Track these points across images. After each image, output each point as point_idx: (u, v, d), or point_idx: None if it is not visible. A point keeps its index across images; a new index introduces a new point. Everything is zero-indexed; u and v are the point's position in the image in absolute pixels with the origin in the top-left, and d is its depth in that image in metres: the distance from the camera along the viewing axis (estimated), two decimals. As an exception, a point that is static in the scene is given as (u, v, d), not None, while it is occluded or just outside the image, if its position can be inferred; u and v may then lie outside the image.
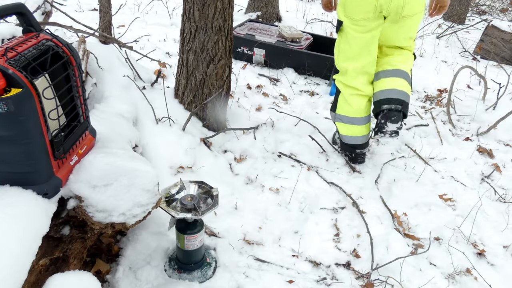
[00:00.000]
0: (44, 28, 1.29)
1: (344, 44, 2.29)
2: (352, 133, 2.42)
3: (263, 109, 2.99)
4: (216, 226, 1.92)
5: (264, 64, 3.79)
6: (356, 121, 2.39)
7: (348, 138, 2.45)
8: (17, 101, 1.03)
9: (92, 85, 2.12)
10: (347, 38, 2.26)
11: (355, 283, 1.74)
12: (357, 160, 2.51)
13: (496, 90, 3.43)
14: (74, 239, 1.38)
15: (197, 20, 2.24)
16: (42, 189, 1.19)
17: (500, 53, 4.62)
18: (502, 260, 1.94)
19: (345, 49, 2.30)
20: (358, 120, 2.38)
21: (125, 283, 1.59)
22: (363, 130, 2.41)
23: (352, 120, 2.39)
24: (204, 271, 1.69)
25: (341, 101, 2.40)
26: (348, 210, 2.15)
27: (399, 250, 1.92)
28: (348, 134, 2.43)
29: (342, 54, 2.33)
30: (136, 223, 1.36)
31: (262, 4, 5.04)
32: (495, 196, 2.36)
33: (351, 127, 2.41)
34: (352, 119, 2.38)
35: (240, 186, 2.24)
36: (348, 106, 2.37)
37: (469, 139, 2.94)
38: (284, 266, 1.79)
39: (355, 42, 2.24)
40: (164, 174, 2.04)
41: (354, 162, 2.51)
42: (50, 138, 1.17)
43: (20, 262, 1.03)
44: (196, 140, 2.31)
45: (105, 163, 1.33)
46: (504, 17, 6.94)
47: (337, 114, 2.43)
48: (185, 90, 2.47)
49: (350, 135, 2.43)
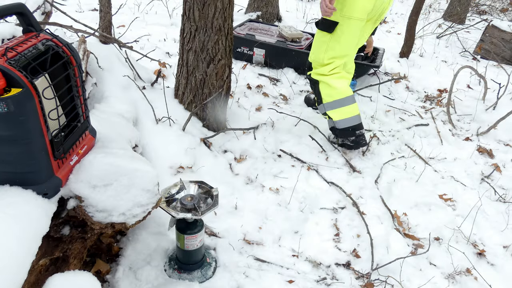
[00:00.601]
0: (44, 28, 1.29)
1: (334, 43, 2.33)
2: (347, 114, 2.45)
3: (263, 109, 2.99)
4: (216, 226, 1.92)
5: (264, 64, 3.79)
6: (346, 102, 2.43)
7: (344, 121, 2.46)
8: (17, 101, 1.03)
9: (92, 85, 2.12)
10: (339, 37, 2.30)
11: (355, 283, 1.74)
12: (360, 143, 2.52)
13: (496, 90, 3.43)
14: (74, 239, 1.38)
15: (197, 20, 2.24)
16: (42, 189, 1.19)
17: (500, 53, 4.62)
18: (502, 260, 1.94)
19: (334, 47, 2.34)
20: (347, 99, 2.42)
21: (125, 283, 1.59)
22: (356, 109, 2.46)
23: (342, 102, 2.42)
24: (204, 271, 1.69)
25: (324, 90, 2.44)
26: (348, 210, 2.15)
27: (399, 250, 1.92)
28: (343, 117, 2.46)
29: (330, 52, 2.36)
30: (136, 223, 1.36)
31: (262, 4, 5.04)
32: (495, 196, 2.36)
33: (343, 109, 2.44)
34: (341, 101, 2.42)
35: (240, 186, 2.24)
36: (333, 90, 2.41)
37: (469, 139, 2.94)
38: (284, 266, 1.79)
39: (347, 40, 2.32)
40: (164, 174, 2.04)
41: (358, 147, 2.53)
42: (50, 138, 1.17)
43: (20, 262, 1.03)
44: (196, 140, 2.31)
45: (105, 163, 1.33)
46: (504, 17, 6.94)
47: (325, 104, 2.46)
48: (185, 90, 2.47)
49: (346, 117, 2.45)
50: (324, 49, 2.37)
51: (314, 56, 2.44)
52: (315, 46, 2.43)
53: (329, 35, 2.32)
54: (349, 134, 2.50)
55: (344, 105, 2.43)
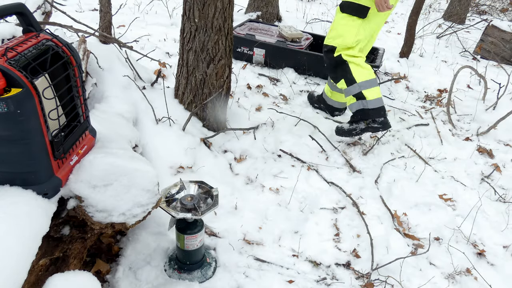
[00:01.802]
0: (44, 28, 1.29)
1: (364, 27, 2.42)
2: (378, 94, 2.50)
3: (263, 109, 2.99)
4: (216, 226, 1.92)
5: (264, 64, 3.79)
6: (375, 82, 2.50)
7: (377, 101, 2.50)
8: (17, 101, 1.03)
9: (92, 85, 2.12)
10: (369, 21, 2.40)
11: (355, 283, 1.74)
12: (388, 124, 2.54)
13: (496, 90, 3.43)
14: (74, 239, 1.38)
15: (197, 20, 2.24)
16: (42, 189, 1.19)
17: (500, 53, 4.62)
18: (502, 260, 1.94)
19: (363, 32, 2.43)
20: (375, 81, 2.50)
21: (125, 283, 1.59)
22: (380, 91, 2.53)
23: (374, 82, 2.49)
24: (204, 271, 1.69)
25: (356, 70, 2.48)
26: (348, 210, 2.15)
27: (399, 250, 1.92)
28: (377, 97, 2.49)
29: (359, 35, 2.43)
30: (136, 223, 1.36)
31: (262, 4, 5.04)
32: (495, 196, 2.36)
33: (375, 89, 2.50)
34: (372, 81, 2.49)
35: (240, 186, 2.24)
36: (365, 70, 2.48)
37: (469, 139, 2.94)
38: (284, 266, 1.79)
39: (374, 26, 2.45)
40: (164, 174, 2.04)
41: (385, 128, 2.55)
42: (50, 138, 1.17)
43: (20, 262, 1.03)
44: (196, 140, 2.31)
45: (105, 163, 1.33)
46: (504, 17, 6.94)
47: (360, 83, 2.48)
48: (185, 90, 2.47)
49: (378, 97, 2.50)
50: (354, 33, 2.43)
51: (341, 40, 2.47)
52: (343, 30, 2.46)
53: (360, 20, 2.39)
54: (380, 114, 2.52)
55: (376, 85, 2.50)
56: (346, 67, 2.48)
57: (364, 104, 2.50)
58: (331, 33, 2.52)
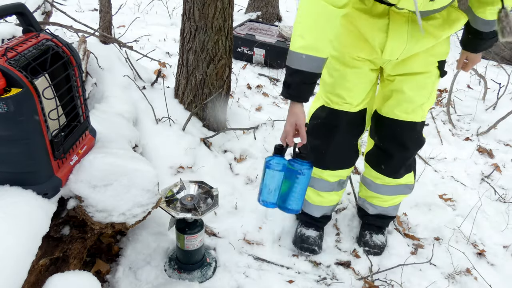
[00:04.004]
0: (44, 28, 1.29)
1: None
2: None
3: (263, 109, 2.99)
4: (216, 226, 1.92)
5: (264, 64, 3.79)
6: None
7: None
8: (17, 101, 1.03)
9: (92, 85, 2.12)
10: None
11: (355, 283, 1.74)
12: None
13: (496, 90, 3.43)
14: (74, 239, 1.38)
15: (197, 20, 2.24)
16: (42, 189, 1.19)
17: (500, 53, 4.62)
18: (502, 260, 1.94)
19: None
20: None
21: (125, 283, 1.59)
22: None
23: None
24: (204, 271, 1.69)
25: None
26: (348, 210, 2.15)
27: (399, 250, 1.92)
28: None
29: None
30: (136, 223, 1.36)
31: (262, 4, 5.04)
32: (495, 196, 2.36)
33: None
34: None
35: (240, 186, 2.23)
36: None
37: (469, 139, 2.94)
38: (284, 266, 1.79)
39: None
40: (164, 174, 2.04)
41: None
42: (50, 138, 1.17)
43: (20, 262, 1.03)
44: (196, 140, 2.31)
45: (105, 163, 1.33)
46: (504, 17, 6.93)
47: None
48: (185, 90, 2.47)
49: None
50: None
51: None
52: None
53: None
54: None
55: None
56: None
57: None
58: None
